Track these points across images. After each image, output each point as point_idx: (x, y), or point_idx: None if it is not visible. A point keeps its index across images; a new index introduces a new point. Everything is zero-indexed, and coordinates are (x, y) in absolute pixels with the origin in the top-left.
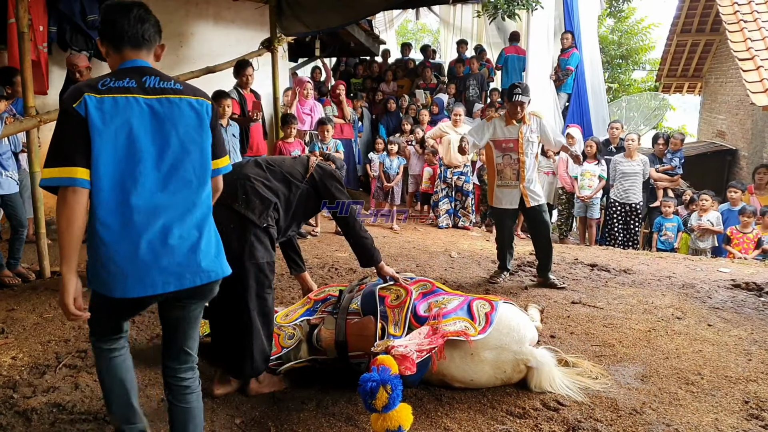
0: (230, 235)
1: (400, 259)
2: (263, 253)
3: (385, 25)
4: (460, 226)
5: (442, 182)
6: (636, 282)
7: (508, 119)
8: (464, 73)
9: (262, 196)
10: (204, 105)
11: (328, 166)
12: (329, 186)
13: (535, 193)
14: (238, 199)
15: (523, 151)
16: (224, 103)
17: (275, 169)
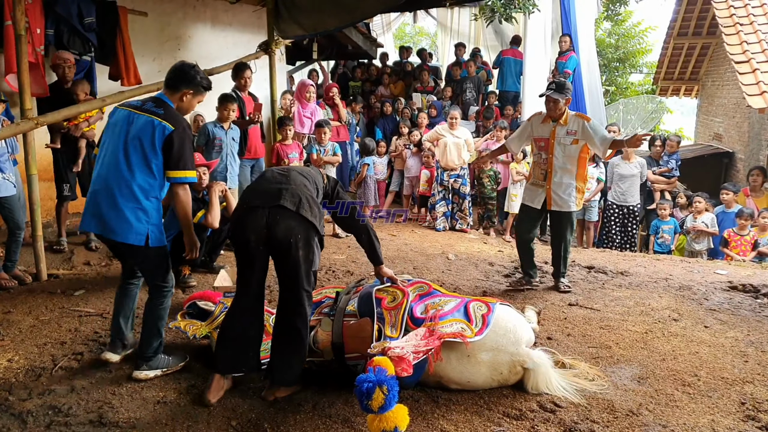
0: (298, 241)
1: (397, 262)
2: (317, 261)
3: (383, 28)
4: (458, 229)
5: (439, 185)
6: (633, 284)
7: (546, 117)
8: (461, 76)
9: (316, 204)
10: (161, 126)
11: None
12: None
13: (560, 198)
14: (303, 206)
15: (552, 151)
16: (230, 107)
17: (310, 179)
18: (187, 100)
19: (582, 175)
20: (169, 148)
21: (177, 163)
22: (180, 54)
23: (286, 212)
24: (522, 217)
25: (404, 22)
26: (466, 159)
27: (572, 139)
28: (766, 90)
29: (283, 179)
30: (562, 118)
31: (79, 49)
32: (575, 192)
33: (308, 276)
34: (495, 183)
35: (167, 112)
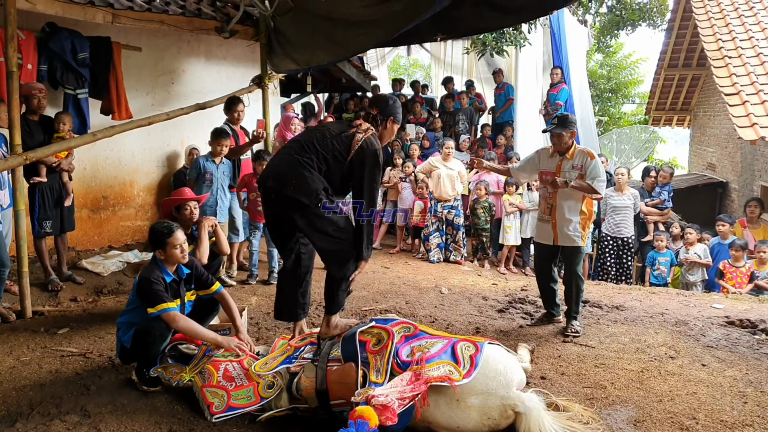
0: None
1: (389, 296)
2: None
3: (377, 61)
4: (452, 261)
5: (433, 216)
6: (628, 319)
7: (553, 151)
8: (454, 108)
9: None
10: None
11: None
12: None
13: (565, 233)
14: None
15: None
16: (223, 142)
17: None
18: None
19: (587, 210)
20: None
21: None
22: (174, 88)
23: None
24: (537, 256)
25: (399, 55)
26: (459, 190)
27: (578, 174)
28: (756, 122)
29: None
30: (569, 152)
31: (72, 84)
32: (579, 227)
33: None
34: (489, 214)
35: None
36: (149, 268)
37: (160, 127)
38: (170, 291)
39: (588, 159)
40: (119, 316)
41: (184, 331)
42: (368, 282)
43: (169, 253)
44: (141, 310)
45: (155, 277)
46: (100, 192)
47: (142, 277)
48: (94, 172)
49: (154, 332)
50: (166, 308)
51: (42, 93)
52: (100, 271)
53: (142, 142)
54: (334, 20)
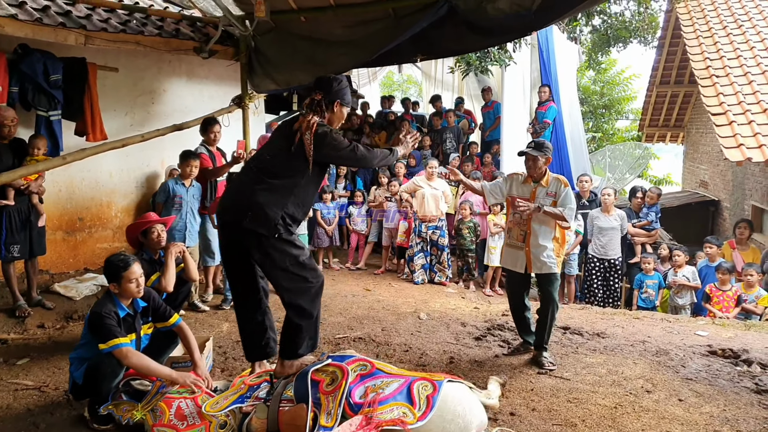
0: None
1: (365, 322)
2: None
3: (369, 78)
4: (436, 282)
5: (417, 236)
6: (608, 348)
7: (527, 177)
8: (441, 126)
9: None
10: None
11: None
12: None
13: (539, 261)
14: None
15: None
16: (192, 164)
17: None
18: None
19: (559, 236)
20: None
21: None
22: (154, 108)
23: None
24: (508, 283)
25: (390, 71)
26: (443, 210)
27: (552, 201)
28: (743, 143)
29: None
30: (544, 179)
31: (45, 106)
32: (554, 254)
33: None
34: (474, 235)
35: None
36: (102, 302)
37: (140, 147)
38: (124, 325)
39: (562, 186)
40: (72, 351)
41: (136, 368)
42: (346, 306)
43: (125, 287)
44: (93, 345)
45: (107, 311)
46: (76, 214)
47: (93, 311)
48: (70, 194)
49: (105, 369)
50: (117, 344)
51: (13, 122)
52: (73, 296)
53: (120, 162)
54: (314, 41)
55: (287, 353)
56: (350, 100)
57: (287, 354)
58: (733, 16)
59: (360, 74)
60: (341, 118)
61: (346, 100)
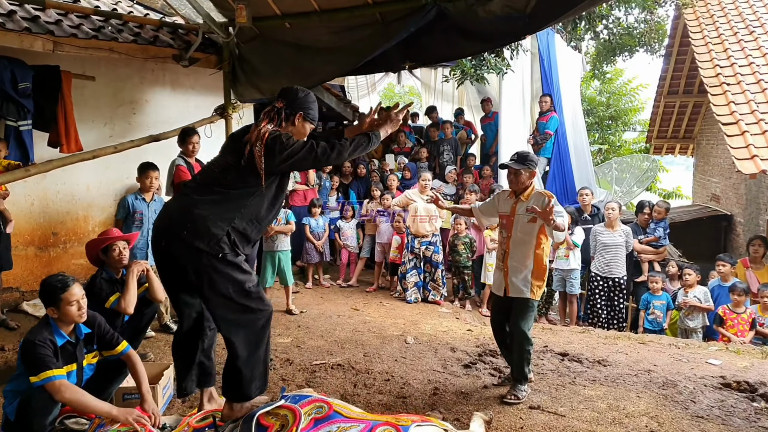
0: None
1: (347, 346)
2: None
3: (368, 89)
4: (430, 300)
5: (410, 252)
6: (610, 378)
7: (510, 192)
8: (438, 137)
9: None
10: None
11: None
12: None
13: (515, 284)
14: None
15: (511, 230)
16: (151, 175)
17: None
18: None
19: (539, 258)
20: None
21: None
22: (135, 119)
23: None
24: (492, 308)
25: (392, 83)
26: (437, 225)
27: (530, 217)
28: (756, 154)
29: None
30: (525, 194)
31: (14, 115)
32: (531, 277)
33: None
34: (470, 251)
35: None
36: (37, 329)
37: (120, 159)
38: (63, 355)
39: (545, 200)
40: (6, 383)
41: (70, 404)
42: (329, 328)
43: (64, 311)
44: (27, 378)
45: (42, 339)
46: (50, 228)
47: (26, 339)
48: (43, 207)
49: (37, 404)
50: (50, 376)
51: None
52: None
53: (98, 174)
54: (300, 48)
55: (233, 395)
56: (315, 117)
57: (233, 396)
58: (743, 21)
59: (359, 85)
60: (302, 135)
61: (311, 115)
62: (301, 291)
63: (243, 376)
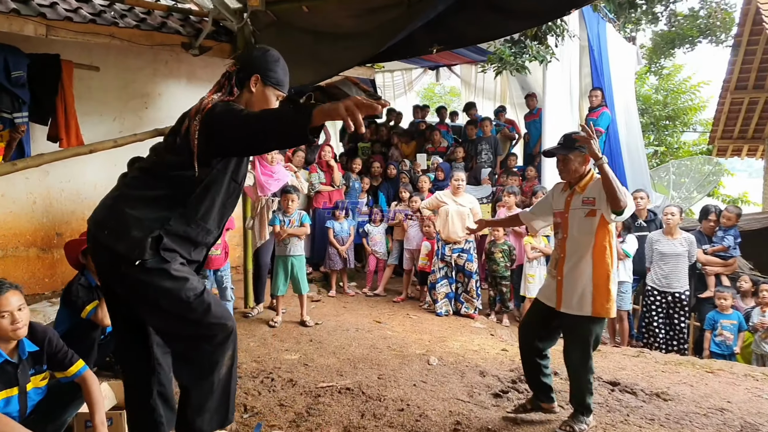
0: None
1: (361, 366)
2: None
3: (404, 88)
4: (463, 314)
5: (440, 260)
6: (671, 417)
7: (565, 183)
8: (477, 136)
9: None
10: None
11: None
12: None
13: (570, 296)
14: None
15: (567, 229)
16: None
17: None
18: None
19: (603, 264)
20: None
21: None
22: (147, 113)
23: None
24: (528, 313)
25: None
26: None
27: (588, 210)
28: None
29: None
30: (581, 183)
31: (8, 107)
32: (591, 288)
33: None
34: (509, 260)
35: None
36: None
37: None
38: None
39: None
40: None
41: None
42: (344, 344)
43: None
44: None
45: None
46: (53, 228)
47: None
48: (46, 207)
49: None
50: None
51: None
52: (39, 321)
53: (107, 172)
54: (318, 34)
55: (180, 428)
56: (281, 80)
57: (180, 429)
58: None
59: (395, 84)
60: (264, 103)
61: (272, 77)
62: (323, 299)
63: (190, 404)
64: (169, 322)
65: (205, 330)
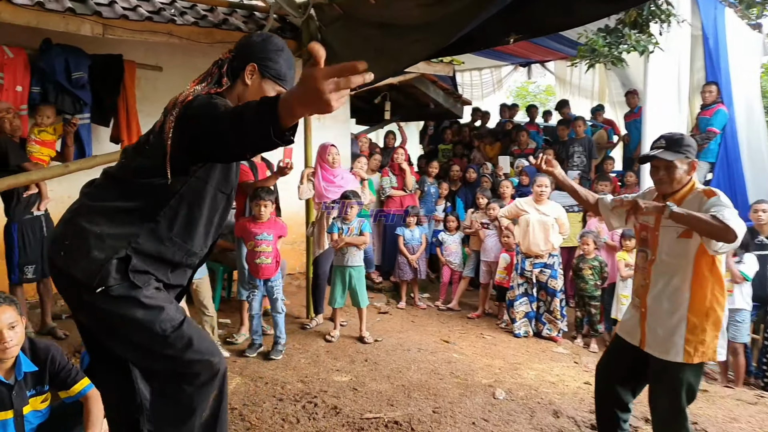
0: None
1: (416, 395)
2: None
3: (493, 86)
4: (544, 336)
5: (520, 276)
6: None
7: (657, 194)
8: (569, 137)
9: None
10: None
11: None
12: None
13: (658, 335)
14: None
15: (656, 249)
16: None
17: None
18: None
19: (701, 297)
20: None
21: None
22: None
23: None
24: (608, 350)
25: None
26: (556, 243)
27: (683, 230)
28: None
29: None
30: (677, 195)
31: (69, 108)
32: (685, 329)
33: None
34: (599, 277)
35: None
36: None
37: None
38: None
39: (704, 199)
40: None
41: None
42: (401, 366)
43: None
44: None
45: None
46: None
47: None
48: None
49: None
50: None
51: (10, 113)
52: None
53: None
54: (386, 27)
55: None
56: (284, 73)
57: None
58: None
59: (484, 82)
60: (259, 94)
61: (273, 68)
62: (392, 312)
63: None
64: (144, 359)
65: (185, 368)
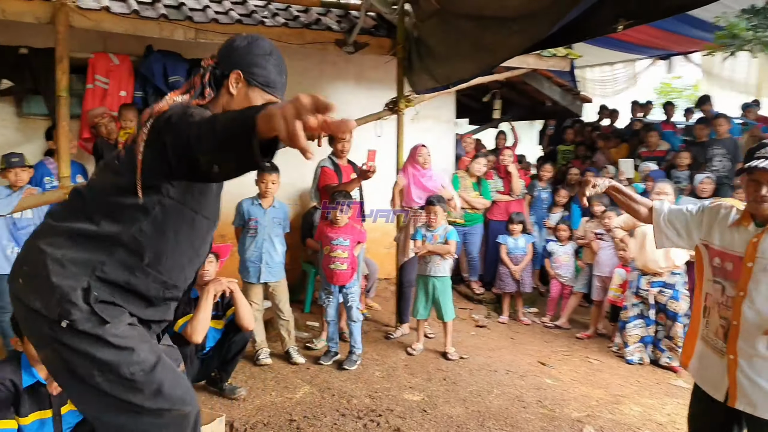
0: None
1: (489, 425)
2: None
3: (627, 82)
4: (663, 365)
5: (634, 295)
6: None
7: (744, 215)
8: (709, 138)
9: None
10: None
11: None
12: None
13: (758, 389)
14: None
15: (746, 284)
16: (267, 179)
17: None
18: None
19: None
20: None
21: None
22: None
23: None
24: (692, 405)
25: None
26: (679, 260)
27: None
28: None
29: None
30: None
31: None
32: None
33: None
34: None
35: None
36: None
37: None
38: (31, 399)
39: None
40: None
41: None
42: (482, 389)
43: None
44: None
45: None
46: None
47: None
48: None
49: None
50: None
51: (105, 117)
52: None
53: None
54: (483, 19)
55: None
56: (273, 80)
57: None
58: None
59: (616, 78)
60: (244, 105)
61: (260, 75)
62: (490, 326)
63: None
64: (103, 406)
65: (153, 418)
